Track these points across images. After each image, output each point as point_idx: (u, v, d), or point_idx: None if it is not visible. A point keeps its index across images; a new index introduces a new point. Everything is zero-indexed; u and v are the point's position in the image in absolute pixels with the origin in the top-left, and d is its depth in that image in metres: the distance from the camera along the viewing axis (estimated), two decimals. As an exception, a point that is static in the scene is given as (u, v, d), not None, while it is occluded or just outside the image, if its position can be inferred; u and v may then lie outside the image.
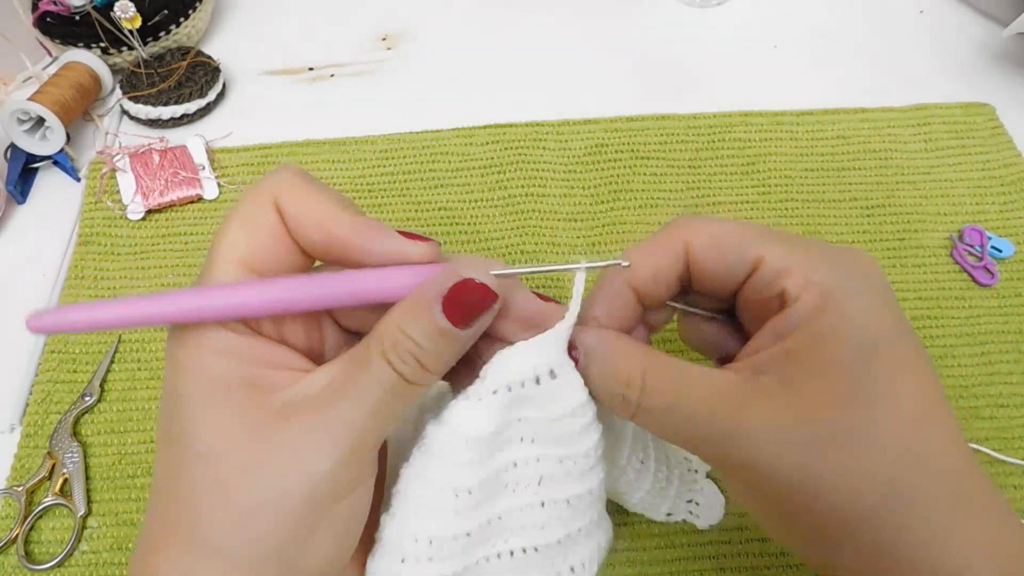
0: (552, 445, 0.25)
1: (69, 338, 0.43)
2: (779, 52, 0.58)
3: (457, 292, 0.22)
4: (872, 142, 0.51)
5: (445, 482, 0.24)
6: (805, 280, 0.23)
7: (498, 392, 0.24)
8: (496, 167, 0.50)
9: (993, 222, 0.47)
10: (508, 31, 0.59)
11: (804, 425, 0.22)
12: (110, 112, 0.54)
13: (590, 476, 0.26)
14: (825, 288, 0.23)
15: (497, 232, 0.47)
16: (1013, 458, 0.39)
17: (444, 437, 0.24)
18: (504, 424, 0.24)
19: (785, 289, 0.23)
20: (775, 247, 0.24)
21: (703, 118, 0.52)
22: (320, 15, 0.61)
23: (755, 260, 0.24)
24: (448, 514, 0.24)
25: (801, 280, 0.23)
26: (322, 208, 0.23)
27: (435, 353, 0.22)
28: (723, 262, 0.25)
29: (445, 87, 0.56)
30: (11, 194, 0.49)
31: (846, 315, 0.22)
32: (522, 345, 0.24)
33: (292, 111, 0.55)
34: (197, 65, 0.53)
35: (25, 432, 0.40)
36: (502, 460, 0.25)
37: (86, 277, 0.45)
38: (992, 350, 0.42)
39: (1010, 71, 0.56)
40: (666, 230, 0.26)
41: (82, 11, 0.52)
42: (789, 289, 0.23)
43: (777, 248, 0.24)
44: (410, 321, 0.22)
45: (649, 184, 0.49)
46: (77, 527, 0.37)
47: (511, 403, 0.24)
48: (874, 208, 0.48)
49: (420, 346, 0.22)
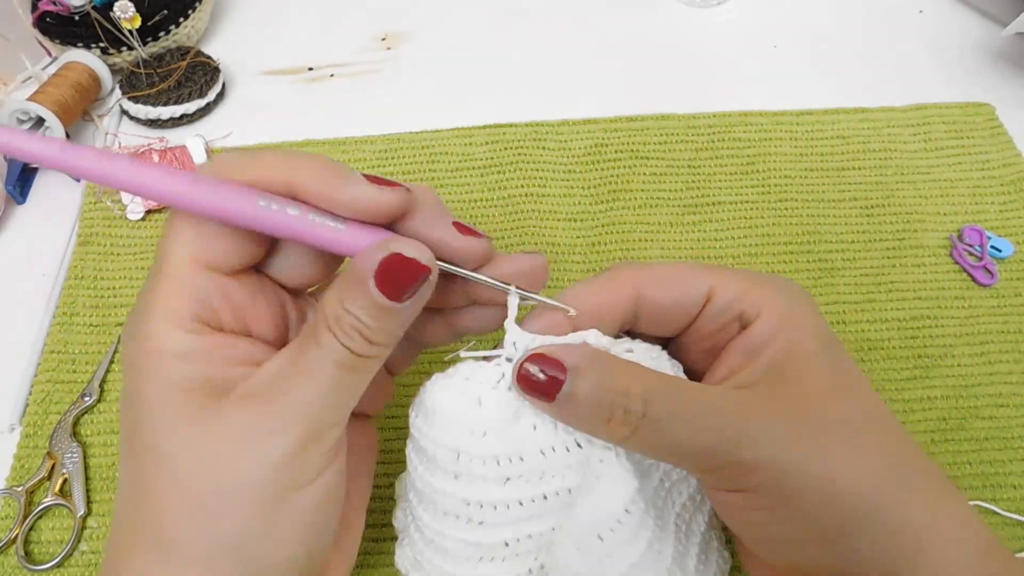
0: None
1: (69, 338, 0.43)
2: (779, 52, 0.58)
3: (387, 267, 0.22)
4: (872, 142, 0.51)
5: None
6: (758, 301, 0.25)
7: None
8: (496, 167, 0.50)
9: (992, 222, 0.47)
10: (508, 31, 0.59)
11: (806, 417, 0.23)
12: (110, 112, 0.54)
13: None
14: (778, 307, 0.25)
15: (497, 232, 0.47)
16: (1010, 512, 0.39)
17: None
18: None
19: (744, 311, 0.25)
20: (722, 278, 0.26)
21: (703, 118, 0.52)
22: (320, 15, 0.61)
23: (707, 292, 0.26)
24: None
25: (754, 301, 0.25)
26: (277, 159, 0.23)
27: (378, 328, 0.22)
28: (679, 299, 0.26)
29: (445, 87, 0.56)
30: (11, 194, 0.49)
31: (804, 325, 0.25)
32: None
33: (292, 111, 0.55)
34: (197, 65, 0.53)
35: (25, 432, 0.40)
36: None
37: (86, 277, 0.45)
38: (992, 350, 0.42)
39: (1009, 71, 0.56)
40: (611, 277, 0.27)
41: (82, 11, 0.52)
42: (747, 310, 0.25)
43: (723, 279, 0.26)
44: (349, 296, 0.22)
45: (649, 184, 0.49)
46: (77, 527, 0.37)
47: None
48: (874, 208, 0.48)
49: (362, 321, 0.22)
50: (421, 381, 0.35)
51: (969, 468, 0.39)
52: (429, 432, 0.25)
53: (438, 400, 0.25)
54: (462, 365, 0.26)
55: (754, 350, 0.25)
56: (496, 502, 0.25)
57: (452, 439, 0.25)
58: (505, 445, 0.24)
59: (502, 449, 0.24)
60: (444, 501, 0.25)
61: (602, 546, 0.25)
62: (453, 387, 0.25)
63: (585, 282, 0.27)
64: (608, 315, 0.26)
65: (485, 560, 0.26)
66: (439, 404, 0.25)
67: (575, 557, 0.25)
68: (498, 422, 0.24)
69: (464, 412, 0.25)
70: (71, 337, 0.43)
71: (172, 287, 0.23)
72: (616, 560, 0.25)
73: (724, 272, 0.26)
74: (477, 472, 0.25)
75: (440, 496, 0.25)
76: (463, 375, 0.25)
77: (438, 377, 0.26)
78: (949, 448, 0.39)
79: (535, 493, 0.25)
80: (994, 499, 0.38)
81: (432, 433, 0.25)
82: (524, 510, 0.25)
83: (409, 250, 0.22)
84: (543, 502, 0.25)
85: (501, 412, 0.24)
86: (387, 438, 0.39)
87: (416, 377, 0.41)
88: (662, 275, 0.26)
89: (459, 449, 0.24)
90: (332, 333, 0.22)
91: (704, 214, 0.48)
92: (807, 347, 0.24)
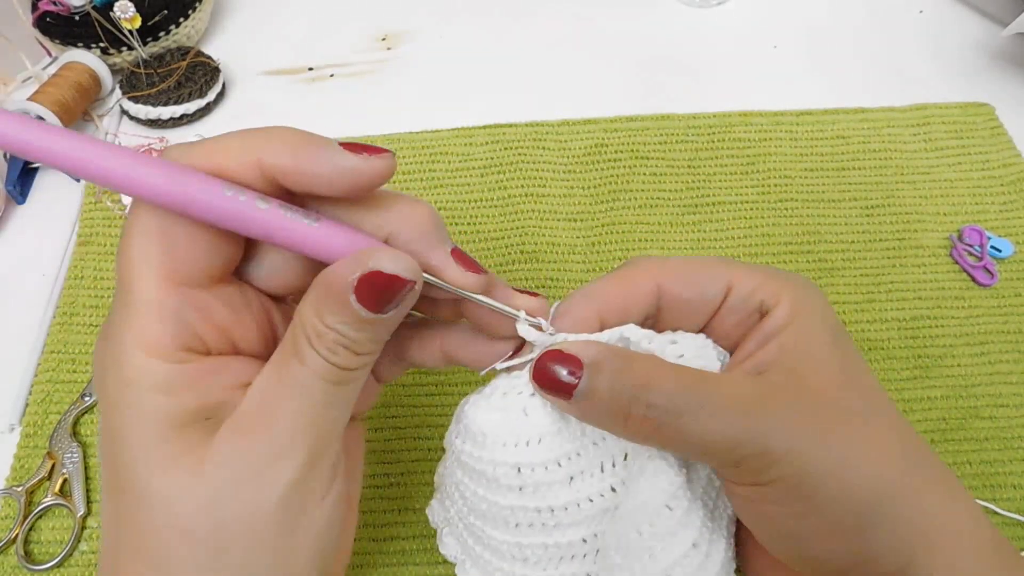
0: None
1: (69, 338, 0.43)
2: (779, 52, 0.58)
3: (367, 282, 0.21)
4: (872, 142, 0.51)
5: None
6: (776, 291, 0.25)
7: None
8: (496, 167, 0.50)
9: (993, 222, 0.47)
10: (508, 31, 0.59)
11: (821, 407, 0.23)
12: (110, 112, 0.54)
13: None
14: (793, 295, 0.25)
15: (497, 232, 0.47)
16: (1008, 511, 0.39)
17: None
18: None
19: (763, 300, 0.25)
20: (739, 271, 0.26)
21: (703, 118, 0.52)
22: (320, 15, 0.61)
23: (726, 286, 0.26)
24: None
25: (772, 291, 0.25)
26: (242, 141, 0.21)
27: (363, 338, 0.21)
28: (700, 293, 0.26)
29: (445, 87, 0.56)
30: (11, 194, 0.49)
31: (816, 313, 0.25)
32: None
33: (292, 111, 0.55)
34: (197, 65, 0.53)
35: (25, 432, 0.40)
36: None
37: (86, 277, 0.45)
38: (992, 350, 0.42)
39: (1009, 71, 0.56)
40: (631, 272, 0.26)
41: (82, 11, 0.52)
42: (766, 299, 0.25)
43: (741, 272, 0.26)
44: (329, 311, 0.21)
45: (649, 184, 0.49)
46: (77, 527, 0.37)
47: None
48: (874, 208, 0.48)
49: (346, 336, 0.21)
50: (419, 380, 0.35)
51: (969, 468, 0.39)
52: (483, 454, 0.25)
53: (485, 421, 0.25)
54: (496, 381, 0.25)
55: (769, 335, 0.25)
56: (567, 503, 0.25)
57: (510, 455, 0.24)
58: (562, 445, 0.25)
59: (561, 450, 0.25)
60: (514, 516, 0.25)
61: (640, 541, 0.24)
62: (496, 406, 0.25)
63: (605, 278, 0.26)
64: (631, 311, 0.26)
65: (566, 559, 0.26)
66: (487, 425, 0.25)
67: (615, 553, 0.25)
68: (549, 426, 0.24)
69: (514, 427, 0.24)
70: (71, 337, 0.43)
71: (145, 313, 0.21)
72: (656, 559, 0.24)
73: (741, 266, 0.26)
74: (542, 479, 0.25)
75: (509, 512, 0.25)
76: (501, 391, 0.25)
77: (476, 399, 0.26)
78: (949, 448, 0.39)
79: (602, 487, 0.25)
80: (994, 499, 0.38)
81: (486, 455, 0.25)
82: (594, 506, 0.25)
83: (389, 265, 0.21)
84: (612, 494, 0.25)
85: (549, 415, 0.25)
86: (387, 438, 0.39)
87: (416, 377, 0.41)
88: (681, 269, 0.26)
89: (519, 463, 0.24)
90: (315, 350, 0.21)
91: (704, 214, 0.48)
92: (819, 337, 0.24)
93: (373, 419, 0.40)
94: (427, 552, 0.36)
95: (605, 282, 0.26)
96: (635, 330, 0.25)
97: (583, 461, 0.25)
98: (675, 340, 0.25)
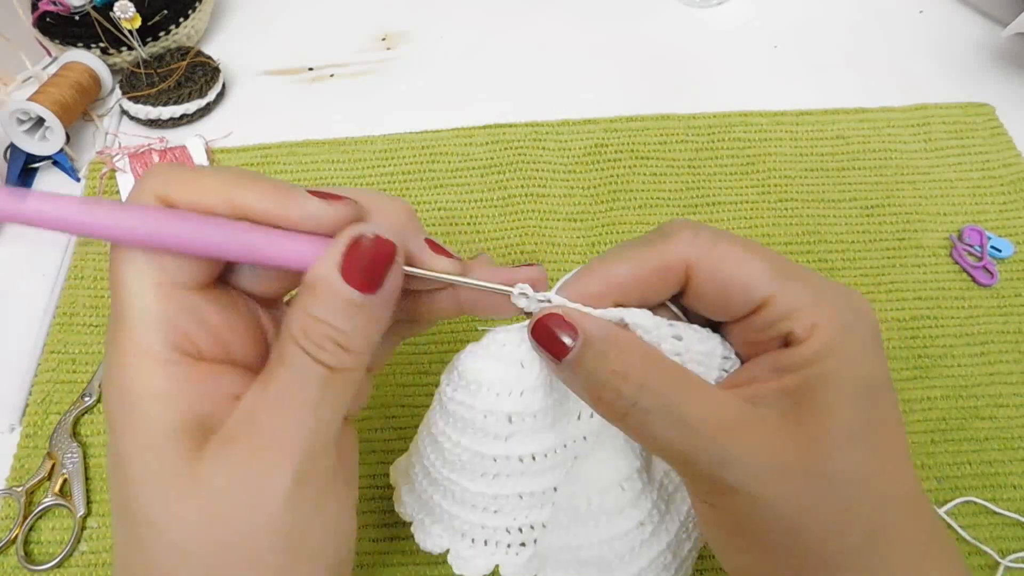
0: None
1: (69, 338, 0.43)
2: (779, 52, 0.58)
3: (353, 255, 0.21)
4: (871, 142, 0.51)
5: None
6: (812, 323, 0.22)
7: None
8: (496, 167, 0.50)
9: (993, 222, 0.47)
10: (507, 31, 0.59)
11: (804, 461, 0.21)
12: (110, 112, 0.54)
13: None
14: (830, 333, 0.22)
15: (497, 232, 0.47)
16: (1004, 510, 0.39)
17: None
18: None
19: (792, 331, 0.23)
20: (784, 287, 0.23)
21: (702, 118, 0.52)
22: (320, 15, 0.61)
23: (762, 300, 0.23)
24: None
25: (808, 323, 0.22)
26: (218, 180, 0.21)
27: (352, 330, 0.21)
28: (726, 298, 0.24)
29: (445, 87, 0.56)
30: (11, 194, 0.49)
31: (849, 361, 0.22)
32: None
33: (292, 111, 0.54)
34: (197, 65, 0.53)
35: (25, 432, 0.40)
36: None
37: (86, 277, 0.45)
38: (992, 350, 0.42)
39: (1010, 71, 0.56)
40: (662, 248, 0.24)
41: (82, 11, 0.52)
42: (796, 331, 0.22)
43: (787, 289, 0.23)
44: (314, 301, 0.21)
45: (649, 184, 0.49)
46: (77, 527, 0.37)
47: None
48: (873, 208, 0.48)
49: (334, 326, 0.21)
50: (419, 381, 0.35)
51: (969, 468, 0.39)
52: (476, 402, 0.25)
53: (481, 370, 0.25)
54: (493, 333, 0.25)
55: (779, 370, 0.23)
56: (547, 450, 0.26)
57: (504, 404, 0.25)
58: (551, 394, 0.25)
59: (550, 399, 0.25)
60: (495, 466, 0.26)
61: (588, 510, 0.25)
62: (493, 355, 0.25)
63: (634, 248, 0.24)
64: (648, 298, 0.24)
65: (535, 508, 0.27)
66: (482, 373, 0.25)
67: (563, 514, 0.26)
68: (544, 377, 0.25)
69: (510, 377, 0.25)
70: (71, 337, 0.43)
71: (136, 317, 0.21)
72: (599, 529, 0.25)
73: (792, 281, 0.23)
74: (529, 427, 0.25)
75: (491, 463, 0.26)
76: (499, 343, 0.25)
77: (474, 348, 0.25)
78: (949, 448, 0.39)
79: (576, 433, 0.26)
80: (994, 499, 0.38)
81: (479, 403, 0.25)
82: (567, 451, 0.26)
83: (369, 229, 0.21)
84: (583, 442, 0.26)
85: (543, 368, 0.25)
86: (387, 438, 0.39)
87: (416, 377, 0.41)
88: (719, 262, 0.23)
89: (511, 412, 0.25)
90: (301, 348, 0.21)
91: (704, 214, 0.48)
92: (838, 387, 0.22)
93: (373, 419, 0.40)
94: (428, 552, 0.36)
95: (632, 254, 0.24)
96: (638, 316, 0.24)
97: (566, 406, 0.25)
98: (680, 336, 0.24)
